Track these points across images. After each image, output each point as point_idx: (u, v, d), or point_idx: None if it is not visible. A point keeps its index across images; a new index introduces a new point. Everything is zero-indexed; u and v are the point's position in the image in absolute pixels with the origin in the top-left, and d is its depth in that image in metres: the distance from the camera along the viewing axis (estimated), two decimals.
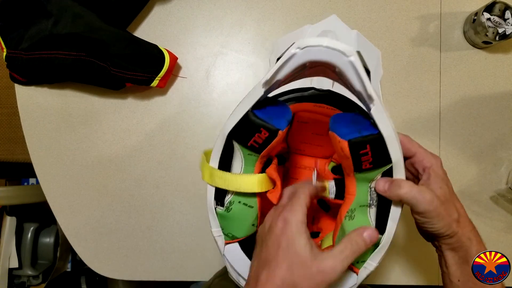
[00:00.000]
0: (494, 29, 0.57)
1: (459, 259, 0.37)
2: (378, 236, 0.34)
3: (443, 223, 0.35)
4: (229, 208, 0.39)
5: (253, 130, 0.35)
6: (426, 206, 0.34)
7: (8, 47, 0.62)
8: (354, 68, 0.30)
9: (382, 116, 0.32)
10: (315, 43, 0.30)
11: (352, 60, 0.30)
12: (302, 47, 0.30)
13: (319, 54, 0.30)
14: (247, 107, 0.34)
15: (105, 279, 1.13)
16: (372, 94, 0.31)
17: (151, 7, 0.65)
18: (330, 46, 0.29)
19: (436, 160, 0.38)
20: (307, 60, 0.31)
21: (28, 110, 0.65)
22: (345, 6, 0.64)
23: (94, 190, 0.65)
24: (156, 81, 0.59)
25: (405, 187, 0.33)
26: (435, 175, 0.37)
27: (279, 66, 0.32)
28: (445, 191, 0.36)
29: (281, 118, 0.36)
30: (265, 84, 0.33)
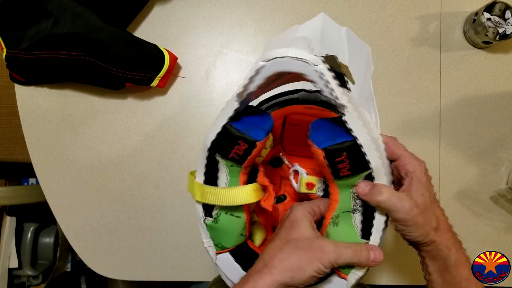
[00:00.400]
0: (494, 29, 0.57)
1: (439, 267, 0.37)
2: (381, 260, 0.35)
3: (420, 232, 0.35)
4: (217, 219, 0.39)
5: (232, 143, 0.35)
6: (403, 215, 0.34)
7: (8, 47, 0.62)
8: (321, 77, 0.30)
9: (356, 123, 0.32)
10: (281, 55, 0.30)
11: (319, 69, 0.30)
12: (269, 59, 0.31)
13: (286, 65, 0.30)
14: (223, 120, 0.35)
15: (105, 279, 1.13)
16: (343, 102, 0.31)
17: (151, 7, 0.65)
18: (295, 57, 0.30)
19: (420, 165, 0.37)
20: (275, 71, 0.31)
21: (28, 110, 0.65)
22: (345, 6, 0.64)
23: (94, 190, 0.65)
24: (156, 81, 0.59)
25: (384, 193, 0.33)
26: (417, 181, 0.36)
27: (249, 79, 0.32)
28: (425, 199, 0.35)
29: (259, 128, 0.36)
30: (238, 97, 0.34)
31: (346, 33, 0.51)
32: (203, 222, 0.40)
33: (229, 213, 0.39)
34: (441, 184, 0.63)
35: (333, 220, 0.37)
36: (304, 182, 0.40)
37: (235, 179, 0.38)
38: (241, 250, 0.41)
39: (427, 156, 0.63)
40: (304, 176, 0.41)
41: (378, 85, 0.63)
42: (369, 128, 0.33)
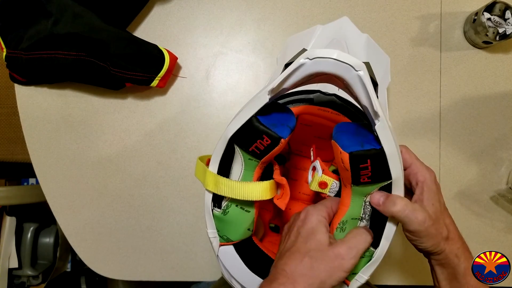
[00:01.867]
0: (495, 29, 0.57)
1: (448, 275, 0.37)
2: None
3: (432, 242, 0.35)
4: (226, 211, 0.38)
5: (256, 136, 0.34)
6: (417, 226, 0.34)
7: (8, 47, 0.62)
8: (362, 83, 0.30)
9: (386, 132, 0.32)
10: (325, 55, 0.30)
11: (360, 75, 0.30)
12: (311, 58, 0.30)
13: (328, 66, 0.30)
14: (251, 112, 0.34)
15: (105, 279, 1.13)
16: (378, 110, 0.31)
17: (151, 7, 0.65)
18: (339, 59, 0.29)
19: (430, 174, 0.37)
20: (315, 71, 0.31)
21: (28, 110, 0.65)
22: (345, 6, 0.64)
23: (94, 190, 0.65)
24: (156, 81, 0.59)
25: (399, 204, 0.33)
26: (428, 190, 0.36)
27: (287, 75, 0.32)
28: (436, 208, 0.36)
29: (284, 126, 0.35)
30: (271, 91, 0.33)
31: (367, 40, 0.51)
32: (211, 212, 0.39)
33: (239, 206, 0.38)
34: (441, 184, 0.63)
35: (340, 226, 0.37)
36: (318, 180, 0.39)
37: (249, 173, 0.37)
38: (245, 245, 0.41)
39: (427, 156, 0.63)
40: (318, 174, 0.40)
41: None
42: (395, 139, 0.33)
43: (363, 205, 0.36)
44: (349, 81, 0.30)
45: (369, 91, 0.30)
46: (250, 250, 0.41)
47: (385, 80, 0.52)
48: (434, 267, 0.38)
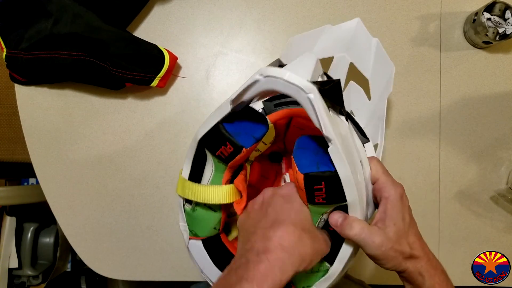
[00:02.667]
0: (494, 29, 0.57)
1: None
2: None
3: (392, 263, 0.35)
4: (194, 208, 0.40)
5: (220, 142, 0.36)
6: (374, 251, 0.34)
7: (8, 47, 0.62)
8: (311, 106, 0.29)
9: (339, 156, 0.31)
10: (276, 75, 0.30)
11: (310, 98, 0.29)
12: (264, 76, 0.30)
13: (279, 86, 0.30)
14: (215, 119, 0.35)
15: (105, 279, 1.13)
16: (329, 135, 0.30)
17: (151, 7, 0.65)
18: (289, 81, 0.29)
19: (395, 191, 0.36)
20: (268, 89, 0.31)
21: (28, 110, 0.65)
22: (345, 6, 0.64)
23: (94, 190, 0.65)
24: (156, 81, 0.59)
25: (355, 228, 0.33)
26: (391, 208, 0.35)
27: (243, 90, 0.32)
28: (399, 228, 0.35)
29: (248, 135, 0.36)
30: (232, 102, 0.34)
31: (376, 45, 0.50)
32: (182, 207, 0.41)
33: (207, 205, 0.40)
34: (441, 184, 0.63)
35: None
36: None
37: (219, 175, 0.38)
38: (212, 242, 0.42)
39: (427, 156, 0.63)
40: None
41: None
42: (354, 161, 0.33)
43: (318, 222, 0.36)
44: (301, 102, 0.30)
45: (319, 115, 0.30)
46: (216, 247, 0.42)
47: (386, 90, 0.52)
48: (403, 282, 0.38)
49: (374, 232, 0.34)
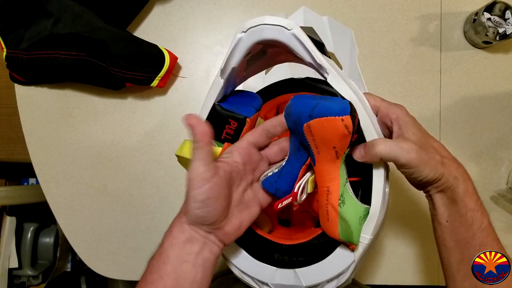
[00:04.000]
0: (495, 29, 0.57)
1: (447, 199, 0.37)
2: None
3: (429, 168, 0.34)
4: None
5: (223, 122, 0.35)
6: (407, 156, 0.33)
7: (8, 47, 0.62)
8: (298, 40, 0.30)
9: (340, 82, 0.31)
10: (256, 23, 0.30)
11: (294, 33, 0.30)
12: (245, 30, 0.31)
13: (262, 33, 0.30)
14: (212, 100, 0.35)
15: (105, 279, 1.13)
16: (322, 63, 0.31)
17: (151, 7, 0.65)
18: (270, 23, 0.30)
19: (401, 109, 0.37)
20: (253, 41, 0.31)
21: (28, 110, 0.65)
22: (345, 6, 0.64)
23: (94, 190, 0.65)
24: (156, 81, 0.59)
25: (379, 143, 0.33)
26: (404, 123, 0.36)
27: (230, 53, 0.32)
28: (418, 136, 0.35)
29: (248, 106, 0.36)
30: (222, 73, 0.34)
31: (328, 21, 0.51)
32: None
33: None
34: None
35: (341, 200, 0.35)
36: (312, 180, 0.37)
37: None
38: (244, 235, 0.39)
39: None
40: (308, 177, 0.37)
41: (378, 85, 0.63)
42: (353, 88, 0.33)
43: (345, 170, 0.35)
44: (287, 43, 0.30)
45: (307, 46, 0.30)
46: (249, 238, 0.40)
47: (354, 53, 0.52)
48: (433, 196, 0.37)
49: (399, 140, 0.34)
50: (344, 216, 0.35)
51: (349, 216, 0.35)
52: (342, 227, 0.36)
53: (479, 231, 0.36)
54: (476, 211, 0.36)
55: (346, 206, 0.35)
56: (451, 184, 0.35)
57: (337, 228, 0.36)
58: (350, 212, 0.35)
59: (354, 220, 0.35)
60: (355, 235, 0.35)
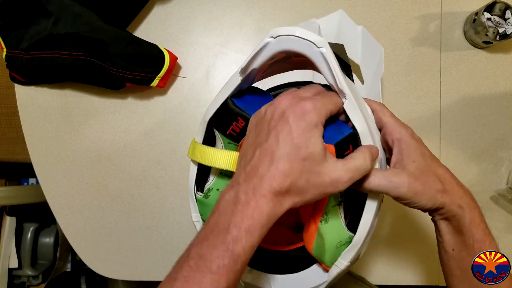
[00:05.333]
0: (495, 29, 0.57)
1: (452, 228, 0.35)
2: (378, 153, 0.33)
3: (426, 198, 0.33)
4: (207, 194, 0.39)
5: (231, 119, 0.35)
6: (398, 190, 0.32)
7: (8, 47, 0.62)
8: (324, 59, 0.30)
9: (355, 111, 0.31)
10: (287, 33, 0.30)
11: (323, 52, 0.30)
12: (275, 36, 0.30)
13: (291, 44, 0.30)
14: (225, 95, 0.35)
15: (105, 279, 1.13)
16: (343, 88, 0.31)
17: (151, 7, 0.65)
18: (301, 36, 0.29)
19: (406, 130, 0.35)
20: (280, 49, 0.31)
21: (28, 110, 0.65)
22: (345, 6, 0.64)
23: (94, 190, 0.65)
24: (156, 81, 0.59)
25: (369, 176, 0.32)
26: (406, 147, 0.34)
27: (254, 55, 0.32)
28: (419, 164, 0.34)
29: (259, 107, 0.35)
30: (241, 72, 0.33)
31: (362, 32, 0.51)
32: (194, 196, 0.40)
33: (220, 190, 0.39)
34: None
35: (324, 218, 0.36)
36: None
37: None
38: None
39: None
40: None
41: None
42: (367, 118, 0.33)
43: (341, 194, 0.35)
44: (313, 59, 0.30)
45: (332, 68, 0.30)
46: None
47: (378, 72, 0.52)
48: (437, 222, 0.36)
49: (391, 174, 0.33)
50: (322, 233, 0.36)
51: (328, 236, 0.35)
52: (317, 243, 0.36)
53: None
54: (483, 242, 0.34)
55: (328, 225, 0.35)
56: (455, 213, 0.34)
57: (312, 242, 0.37)
58: (331, 233, 0.35)
59: (331, 241, 0.35)
60: (327, 256, 0.35)
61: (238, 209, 0.29)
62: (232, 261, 0.28)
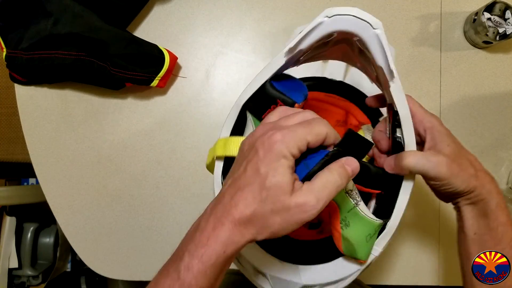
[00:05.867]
0: (495, 29, 0.57)
1: (477, 212, 0.36)
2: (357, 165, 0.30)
3: (461, 180, 0.34)
4: None
5: (269, 101, 0.34)
6: (435, 169, 0.33)
7: (8, 47, 0.62)
8: (379, 41, 0.30)
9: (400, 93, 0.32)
10: (344, 12, 0.30)
11: (378, 33, 0.30)
12: (330, 16, 0.30)
13: (347, 24, 0.30)
14: (266, 76, 0.34)
15: (105, 279, 1.13)
16: (393, 69, 0.31)
17: (151, 7, 0.65)
18: (358, 16, 0.29)
19: (437, 119, 0.37)
20: (334, 29, 0.30)
21: (28, 110, 0.65)
22: (345, 6, 0.63)
23: (94, 190, 0.65)
24: (156, 81, 0.59)
25: (408, 156, 0.33)
26: (439, 134, 0.36)
27: (305, 34, 0.31)
28: (453, 148, 0.35)
29: (298, 91, 0.35)
30: (288, 52, 0.33)
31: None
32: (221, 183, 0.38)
33: None
34: None
35: (343, 224, 0.35)
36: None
37: None
38: None
39: None
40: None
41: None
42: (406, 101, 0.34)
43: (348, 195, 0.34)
44: (366, 40, 0.30)
45: (386, 49, 0.30)
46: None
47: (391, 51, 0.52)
48: (461, 207, 0.37)
49: (428, 153, 0.34)
50: (347, 237, 0.35)
51: (353, 237, 0.35)
52: (345, 245, 0.36)
53: (508, 246, 0.35)
54: (507, 226, 0.35)
55: (350, 228, 0.35)
56: (484, 197, 0.35)
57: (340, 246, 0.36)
58: (355, 233, 0.35)
59: (359, 239, 0.35)
60: (359, 252, 0.35)
61: (196, 235, 0.29)
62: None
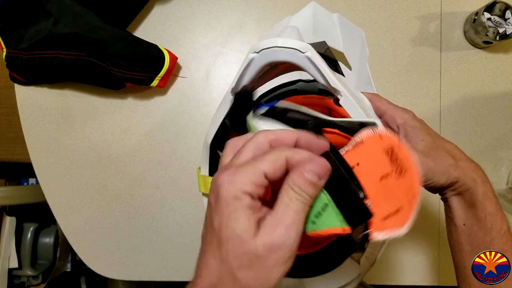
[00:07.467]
0: (495, 29, 0.57)
1: (464, 202, 0.35)
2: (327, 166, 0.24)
3: (439, 174, 0.33)
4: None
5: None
6: None
7: (8, 47, 0.62)
8: (312, 63, 0.30)
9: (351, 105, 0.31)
10: (269, 45, 0.30)
11: (308, 56, 0.29)
12: (258, 51, 0.30)
13: (276, 54, 0.30)
14: (222, 115, 0.34)
15: (105, 279, 1.13)
16: (336, 86, 0.31)
17: (151, 7, 0.65)
18: (284, 46, 0.29)
19: (408, 114, 0.36)
20: (265, 62, 0.31)
21: (28, 110, 0.65)
22: (345, 6, 0.64)
23: (94, 190, 0.64)
24: (156, 81, 0.59)
25: None
26: (412, 129, 0.35)
27: (241, 72, 0.32)
28: (428, 142, 0.34)
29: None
30: (233, 90, 0.33)
31: (338, 19, 0.51)
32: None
33: None
34: None
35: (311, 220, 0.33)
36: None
37: None
38: None
39: None
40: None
41: (378, 85, 0.63)
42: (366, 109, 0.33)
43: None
44: (301, 65, 0.30)
45: (321, 70, 0.30)
46: None
47: (364, 54, 0.52)
48: (449, 198, 0.36)
49: None
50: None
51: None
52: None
53: (498, 236, 0.35)
54: (495, 216, 0.35)
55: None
56: (469, 186, 0.34)
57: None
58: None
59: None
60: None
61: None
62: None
